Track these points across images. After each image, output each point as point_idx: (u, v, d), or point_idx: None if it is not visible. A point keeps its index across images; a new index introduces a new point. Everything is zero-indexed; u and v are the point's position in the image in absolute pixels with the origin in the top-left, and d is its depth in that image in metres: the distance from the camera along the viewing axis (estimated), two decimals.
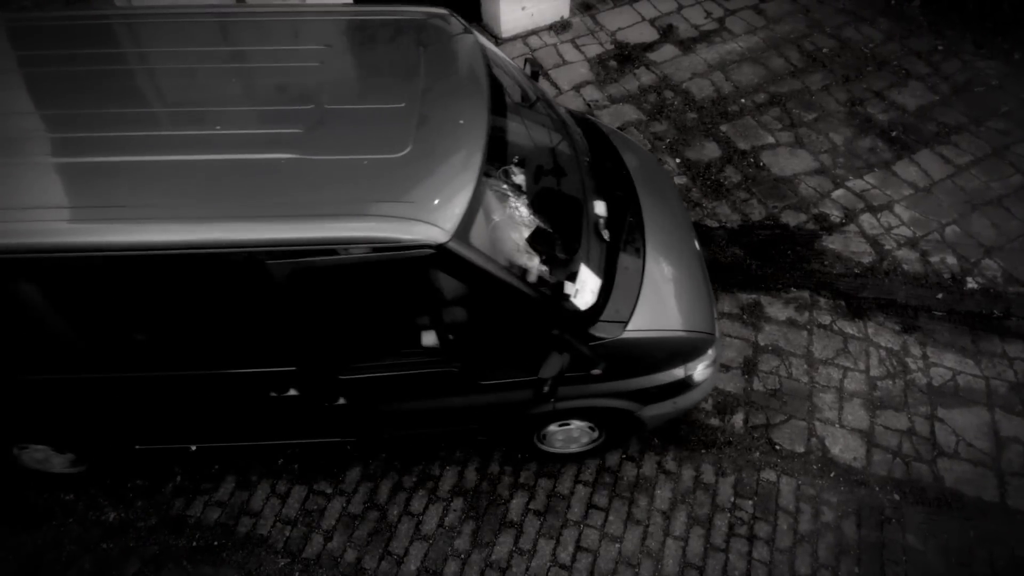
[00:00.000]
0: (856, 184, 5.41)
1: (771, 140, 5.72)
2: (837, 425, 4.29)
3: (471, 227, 2.79)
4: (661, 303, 3.54)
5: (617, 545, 3.86)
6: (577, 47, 6.40)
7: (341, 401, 3.38)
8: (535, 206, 3.33)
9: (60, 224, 2.66)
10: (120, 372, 3.19)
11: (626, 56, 6.35)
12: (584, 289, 3.25)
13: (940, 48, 6.45)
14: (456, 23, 3.54)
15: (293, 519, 3.95)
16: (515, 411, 3.60)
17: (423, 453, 4.16)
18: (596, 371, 3.35)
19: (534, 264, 3.11)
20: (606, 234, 3.52)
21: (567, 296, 3.18)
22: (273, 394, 3.29)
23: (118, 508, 3.99)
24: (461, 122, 3.02)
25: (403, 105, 3.01)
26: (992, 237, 5.08)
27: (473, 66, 3.35)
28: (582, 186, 3.62)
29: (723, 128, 5.80)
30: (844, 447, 4.20)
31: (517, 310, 3.04)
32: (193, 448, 3.88)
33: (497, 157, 3.23)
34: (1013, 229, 5.13)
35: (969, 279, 4.87)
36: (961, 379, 4.47)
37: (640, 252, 3.62)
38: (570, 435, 3.94)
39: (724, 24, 6.69)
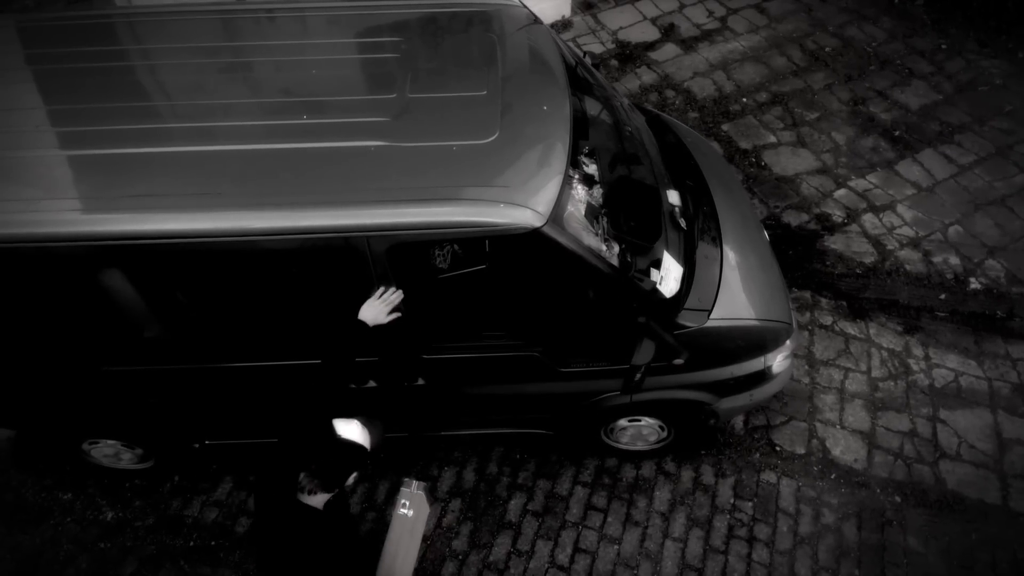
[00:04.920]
0: (858, 184, 5.38)
1: (773, 139, 5.69)
2: (838, 426, 4.26)
3: (563, 211, 2.80)
4: (741, 292, 3.53)
5: (616, 546, 3.84)
6: (578, 46, 6.37)
7: (420, 382, 3.35)
8: (612, 194, 3.31)
9: (163, 212, 2.63)
10: (204, 363, 3.21)
11: (627, 55, 6.33)
12: (668, 277, 3.23)
13: (943, 47, 6.41)
14: (526, 13, 3.54)
15: None
16: (591, 401, 3.60)
17: (421, 453, 4.15)
18: (679, 360, 3.30)
19: (617, 251, 3.10)
20: (683, 223, 3.51)
21: (653, 283, 3.15)
22: (352, 386, 3.27)
23: (116, 508, 3.99)
24: (545, 108, 3.03)
25: (485, 93, 3.03)
26: (995, 237, 5.05)
27: (548, 54, 3.36)
28: (655, 175, 3.60)
29: (725, 127, 5.77)
30: (845, 448, 4.18)
31: (606, 296, 3.04)
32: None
33: (577, 144, 3.24)
34: (1017, 229, 5.09)
35: (972, 279, 4.84)
36: (963, 380, 4.44)
37: (717, 241, 3.61)
38: (639, 432, 3.94)
39: (726, 23, 6.66)
